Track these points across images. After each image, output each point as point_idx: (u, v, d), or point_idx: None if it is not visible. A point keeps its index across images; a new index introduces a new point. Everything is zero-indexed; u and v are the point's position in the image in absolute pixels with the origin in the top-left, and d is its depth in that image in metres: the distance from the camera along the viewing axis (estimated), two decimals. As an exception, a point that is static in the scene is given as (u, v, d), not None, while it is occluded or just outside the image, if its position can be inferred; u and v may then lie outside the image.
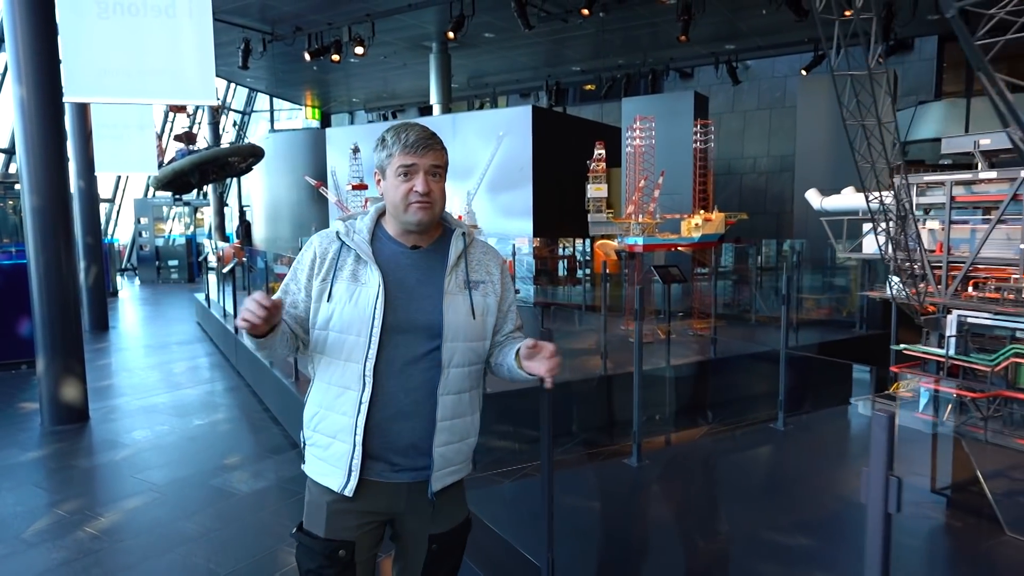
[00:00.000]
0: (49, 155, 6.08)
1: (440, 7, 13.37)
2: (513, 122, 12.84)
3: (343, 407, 1.85)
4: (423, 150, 1.83)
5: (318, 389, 1.93)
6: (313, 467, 1.95)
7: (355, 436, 1.83)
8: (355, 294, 1.84)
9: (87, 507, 4.58)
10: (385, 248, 1.91)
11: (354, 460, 1.84)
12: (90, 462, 5.48)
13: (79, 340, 6.51)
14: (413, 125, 1.88)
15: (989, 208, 3.91)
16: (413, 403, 1.85)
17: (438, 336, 1.85)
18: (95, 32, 4.05)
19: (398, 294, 1.85)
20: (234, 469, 5.29)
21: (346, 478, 1.85)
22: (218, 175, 13.28)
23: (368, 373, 1.81)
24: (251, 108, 24.42)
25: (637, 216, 7.93)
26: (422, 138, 1.84)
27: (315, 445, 1.94)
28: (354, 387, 1.83)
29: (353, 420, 1.83)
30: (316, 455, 1.94)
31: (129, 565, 3.82)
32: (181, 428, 6.29)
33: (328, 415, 1.89)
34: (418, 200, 1.83)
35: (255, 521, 4.42)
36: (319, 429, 1.92)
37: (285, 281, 1.96)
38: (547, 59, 18.31)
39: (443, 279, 1.89)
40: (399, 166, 1.83)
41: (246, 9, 13.61)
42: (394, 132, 1.86)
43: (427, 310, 1.86)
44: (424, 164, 1.83)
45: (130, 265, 22.53)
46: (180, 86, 4.33)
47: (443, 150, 1.90)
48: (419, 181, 1.83)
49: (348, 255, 1.89)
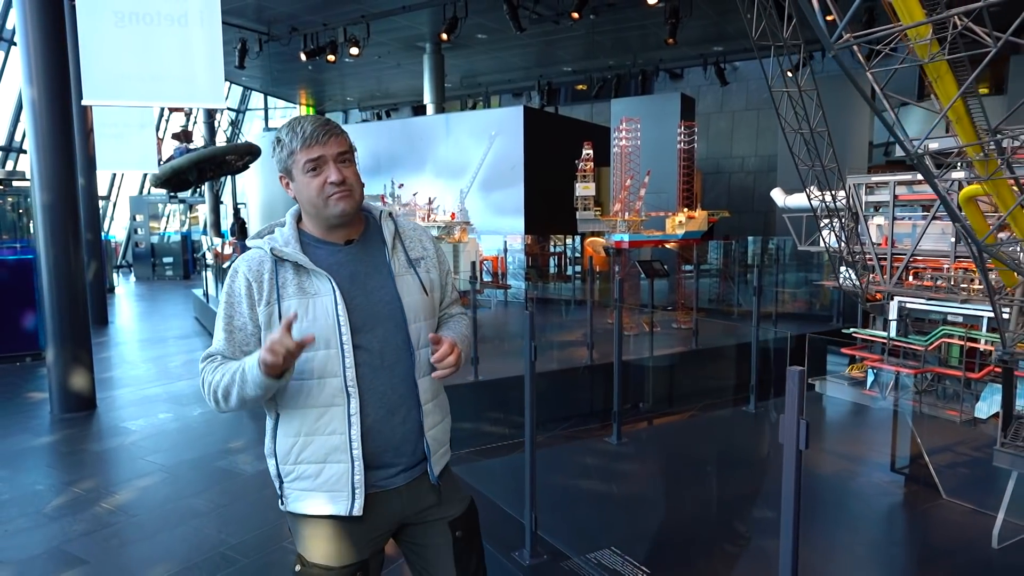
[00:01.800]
0: (58, 154, 6.35)
1: (434, 9, 13.65)
2: (505, 122, 13.13)
3: (330, 427, 1.75)
4: (325, 138, 1.74)
5: (291, 418, 1.80)
6: (303, 502, 1.81)
7: (351, 451, 1.75)
8: (309, 308, 1.74)
9: (102, 486, 4.86)
10: (320, 252, 1.81)
11: (356, 476, 1.76)
12: (100, 446, 5.76)
13: (87, 331, 6.77)
14: (306, 117, 1.78)
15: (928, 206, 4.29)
16: (398, 396, 1.81)
17: (403, 321, 1.81)
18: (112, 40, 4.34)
19: (354, 292, 1.78)
20: (238, 452, 5.58)
21: (351, 498, 1.76)
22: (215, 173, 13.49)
23: (351, 383, 1.74)
24: (245, 106, 24.61)
25: (623, 214, 8.26)
26: (319, 126, 1.75)
27: (301, 477, 1.80)
28: (339, 402, 1.75)
29: (346, 436, 1.75)
30: (304, 487, 1.80)
31: (145, 536, 4.11)
32: (185, 416, 6.56)
33: (313, 439, 1.77)
34: (335, 191, 1.74)
35: (260, 498, 4.71)
36: (303, 459, 1.79)
37: (222, 321, 1.81)
38: (539, 60, 18.63)
39: (388, 264, 1.84)
40: (305, 162, 1.74)
41: (243, 10, 13.85)
42: (288, 129, 1.78)
43: (386, 299, 1.82)
44: (330, 152, 1.74)
45: (125, 262, 22.68)
46: (191, 90, 4.60)
47: (344, 135, 1.80)
48: (331, 171, 1.74)
49: (286, 270, 1.77)
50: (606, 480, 4.83)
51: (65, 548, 3.94)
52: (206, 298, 12.02)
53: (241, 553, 3.86)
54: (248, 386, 1.68)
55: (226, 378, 1.73)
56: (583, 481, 4.76)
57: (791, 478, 1.67)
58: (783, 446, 1.67)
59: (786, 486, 1.68)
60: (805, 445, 1.63)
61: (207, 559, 3.80)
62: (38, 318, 8.79)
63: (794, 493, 1.67)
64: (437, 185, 13.59)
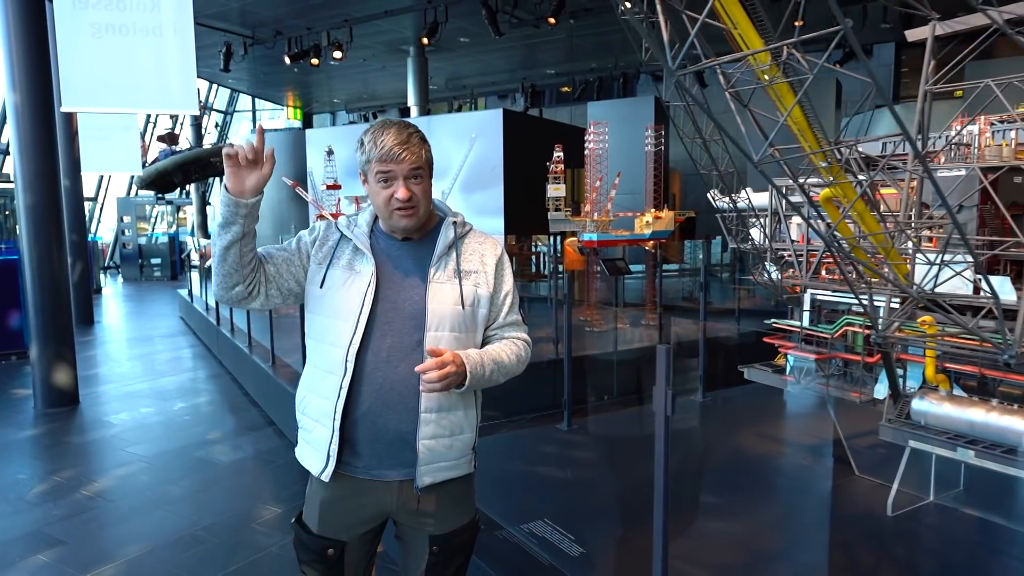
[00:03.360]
0: (41, 157, 6.58)
1: (415, 14, 13.89)
2: (485, 125, 13.38)
3: (326, 391, 1.85)
4: (400, 154, 1.78)
5: (307, 372, 1.95)
6: (301, 450, 1.96)
7: (334, 421, 1.82)
8: (348, 281, 1.86)
9: (82, 475, 5.09)
10: (380, 241, 1.92)
11: (332, 445, 1.83)
12: (82, 438, 5.98)
13: (70, 329, 6.98)
14: (390, 127, 1.82)
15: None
16: (398, 394, 1.83)
17: (422, 325, 1.84)
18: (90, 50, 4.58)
19: (386, 283, 1.86)
20: (215, 443, 5.82)
21: (324, 463, 1.85)
22: (200, 175, 13.72)
23: (350, 359, 1.81)
24: (233, 108, 24.75)
25: (592, 214, 8.56)
26: (398, 143, 1.78)
27: (303, 428, 1.95)
28: (336, 372, 1.83)
29: (333, 404, 1.83)
30: (304, 438, 1.95)
31: (122, 519, 4.35)
32: (166, 410, 6.79)
33: (313, 399, 1.89)
34: (400, 207, 1.81)
35: (234, 485, 4.96)
36: (306, 412, 1.93)
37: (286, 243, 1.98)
38: (522, 62, 18.90)
39: (428, 268, 1.88)
40: (378, 172, 1.80)
41: (227, 14, 14.04)
42: (371, 136, 1.82)
43: (412, 300, 1.86)
44: (402, 170, 1.79)
45: (113, 263, 22.79)
46: (165, 97, 4.84)
47: (422, 149, 1.83)
48: (399, 188, 1.79)
49: (347, 246, 1.90)
50: (550, 462, 5.20)
51: (45, 531, 4.17)
52: (190, 297, 12.22)
53: (211, 534, 4.10)
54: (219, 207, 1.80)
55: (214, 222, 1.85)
56: (528, 462, 5.11)
57: (661, 440, 1.93)
58: (655, 413, 1.94)
59: (657, 448, 1.95)
60: (672, 411, 1.90)
61: (179, 539, 4.04)
62: (23, 318, 8.97)
63: (663, 456, 1.94)
64: (419, 186, 13.85)
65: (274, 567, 3.73)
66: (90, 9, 4.70)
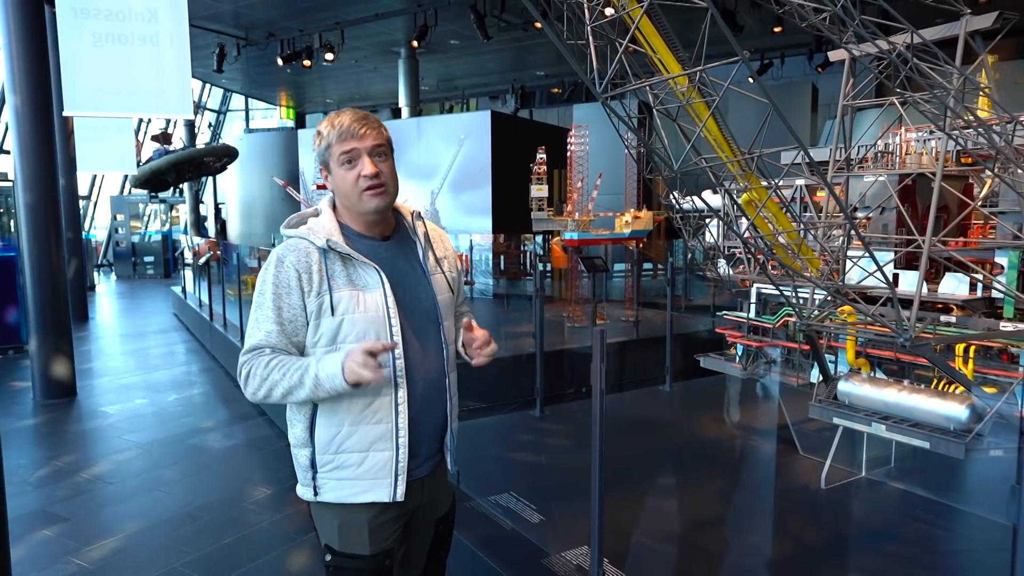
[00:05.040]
0: (40, 157, 6.86)
1: (406, 16, 14.18)
2: (473, 126, 13.70)
3: (377, 415, 1.78)
4: (360, 131, 1.76)
5: (335, 409, 1.80)
6: (344, 490, 1.82)
7: (397, 439, 1.79)
8: (359, 300, 1.77)
9: (81, 460, 5.37)
10: (361, 245, 1.83)
11: (400, 463, 1.80)
12: (80, 427, 6.26)
13: (67, 323, 7.25)
14: (344, 111, 1.81)
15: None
16: (435, 390, 1.87)
17: (437, 318, 1.89)
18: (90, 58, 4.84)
19: (398, 287, 1.82)
20: (208, 431, 6.10)
21: (393, 485, 1.80)
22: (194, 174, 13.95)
23: (400, 372, 1.78)
24: (226, 107, 24.95)
25: (574, 214, 8.88)
26: (356, 120, 1.77)
27: (343, 466, 1.81)
28: (386, 392, 1.78)
29: (392, 424, 1.79)
30: (344, 476, 1.82)
31: (120, 499, 4.64)
32: (160, 401, 7.06)
33: (357, 429, 1.79)
34: (369, 184, 1.76)
35: (227, 469, 5.25)
36: (345, 448, 1.81)
37: (271, 312, 1.78)
38: (512, 64, 19.21)
39: (423, 263, 1.91)
40: (340, 153, 1.76)
41: (220, 16, 14.29)
42: (327, 122, 1.81)
43: (422, 296, 1.88)
44: (365, 146, 1.76)
45: (106, 261, 22.96)
46: (162, 103, 5.12)
47: (380, 128, 1.82)
48: (365, 164, 1.76)
49: (334, 261, 1.79)
50: (521, 444, 5.60)
51: (48, 509, 4.45)
52: (184, 294, 12.47)
53: (205, 512, 4.39)
54: (323, 391, 1.70)
55: (291, 378, 1.72)
56: (500, 444, 5.50)
57: (597, 412, 2.24)
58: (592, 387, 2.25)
59: (594, 415, 2.25)
60: (604, 386, 2.21)
61: (174, 517, 4.33)
62: (20, 313, 9.21)
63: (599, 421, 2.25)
64: (409, 186, 14.12)
65: (264, 540, 4.03)
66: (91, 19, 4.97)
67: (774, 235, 2.76)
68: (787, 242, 2.81)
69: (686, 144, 2.26)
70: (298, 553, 3.88)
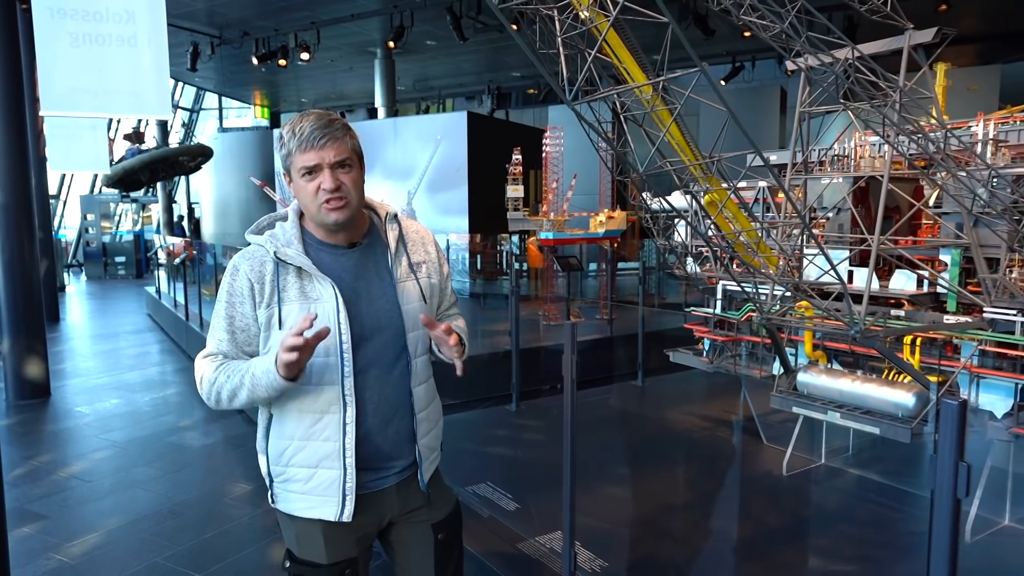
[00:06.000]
0: (13, 157, 6.82)
1: (382, 17, 14.22)
2: (450, 127, 13.78)
3: (324, 433, 1.74)
4: (321, 142, 1.66)
5: (285, 420, 1.78)
6: (294, 503, 1.81)
7: (344, 459, 1.74)
8: (310, 312, 1.69)
9: (59, 459, 5.37)
10: (322, 254, 1.77)
11: (347, 484, 1.75)
12: (55, 427, 6.24)
13: (41, 323, 7.20)
14: (310, 114, 1.70)
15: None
16: (392, 405, 1.80)
17: (401, 330, 1.79)
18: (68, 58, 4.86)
19: (356, 300, 1.75)
20: (186, 430, 6.13)
21: (340, 505, 1.76)
22: (167, 173, 13.84)
23: (348, 392, 1.73)
24: (199, 106, 24.68)
25: (549, 214, 9.05)
26: (318, 129, 1.66)
27: (292, 480, 1.80)
28: (334, 410, 1.73)
29: (339, 444, 1.74)
30: (295, 489, 1.80)
31: (100, 496, 4.67)
32: (137, 401, 7.06)
33: (306, 445, 1.76)
34: (328, 198, 1.68)
35: (206, 466, 5.30)
36: (295, 462, 1.78)
37: (223, 321, 1.77)
38: (489, 65, 19.33)
39: (391, 270, 1.81)
40: (301, 167, 1.68)
41: (194, 14, 14.19)
42: (289, 127, 1.70)
43: (386, 308, 1.79)
44: (327, 158, 1.66)
45: (76, 261, 22.59)
46: (140, 103, 5.14)
47: (346, 137, 1.70)
48: (326, 178, 1.67)
49: (287, 272, 1.73)
50: (497, 438, 5.76)
51: (26, 508, 4.47)
52: (158, 295, 12.39)
53: (185, 508, 4.45)
54: (260, 388, 1.67)
55: (233, 380, 1.72)
56: (477, 437, 5.65)
57: (569, 403, 2.38)
58: (563, 377, 2.39)
59: (566, 402, 2.39)
60: (576, 375, 2.35)
61: (155, 513, 4.38)
62: (-6, 312, 9.06)
63: (570, 409, 2.39)
64: (386, 186, 14.17)
65: (245, 534, 4.10)
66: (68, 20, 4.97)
67: (735, 234, 2.93)
68: (747, 241, 2.98)
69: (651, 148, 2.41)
70: (280, 546, 3.96)
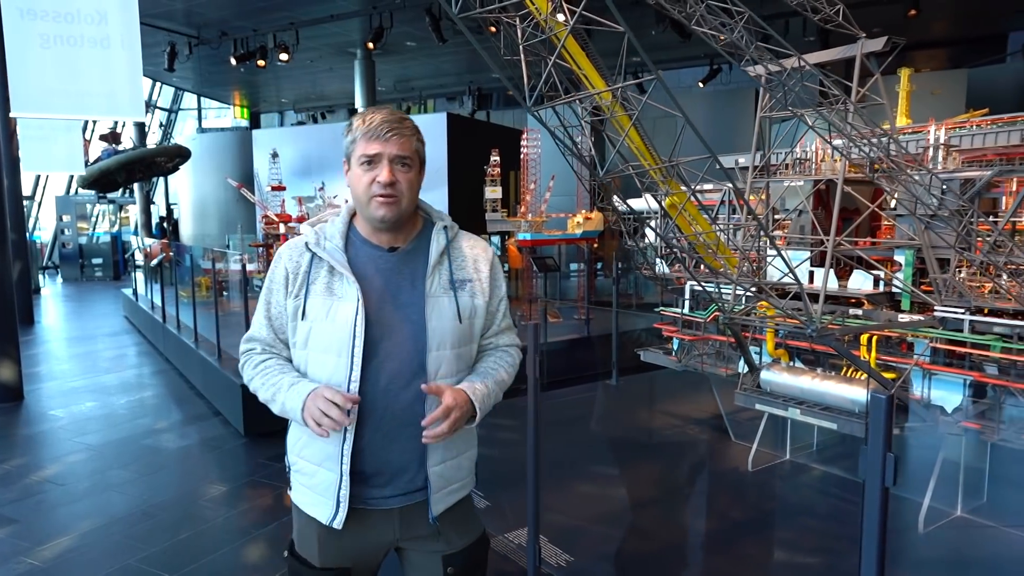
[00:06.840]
0: (-15, 158, 6.75)
1: (361, 18, 14.21)
2: (429, 128, 13.79)
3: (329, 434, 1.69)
4: (388, 135, 1.66)
5: None
6: (300, 495, 1.82)
7: (341, 465, 1.70)
8: (331, 309, 1.69)
9: (32, 463, 5.34)
10: (360, 253, 1.75)
11: (342, 490, 1.71)
12: (30, 430, 6.19)
13: (13, 326, 7.14)
14: (382, 109, 1.72)
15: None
16: (400, 424, 1.71)
17: (423, 346, 1.70)
18: (38, 60, 4.84)
19: (378, 305, 1.70)
20: (162, 432, 6.12)
21: (334, 510, 1.72)
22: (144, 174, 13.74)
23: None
24: (178, 106, 24.45)
25: (527, 215, 9.12)
26: (387, 122, 1.67)
27: (301, 472, 1.81)
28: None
29: (339, 448, 1.70)
30: (302, 482, 1.81)
31: (73, 500, 4.66)
32: (113, 403, 7.02)
33: (312, 441, 1.73)
34: (381, 193, 1.67)
35: (181, 469, 5.30)
36: (303, 455, 1.80)
37: (262, 307, 1.82)
38: (469, 66, 19.36)
39: (425, 281, 1.74)
40: (361, 155, 1.68)
41: (172, 14, 14.08)
42: (360, 116, 1.73)
43: (411, 319, 1.71)
44: (389, 152, 1.67)
45: (52, 263, 22.29)
46: (113, 105, 5.14)
47: (412, 137, 1.72)
48: (383, 171, 1.66)
49: (321, 266, 1.73)
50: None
51: (-2, 512, 4.45)
52: (135, 297, 12.28)
53: (160, 509, 4.46)
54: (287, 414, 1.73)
55: (265, 392, 1.77)
56: None
57: (532, 400, 2.45)
58: (527, 376, 2.45)
59: (530, 401, 2.46)
60: (539, 375, 2.41)
61: (129, 515, 4.38)
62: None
63: (534, 410, 2.45)
64: (366, 187, 14.18)
65: (221, 535, 4.12)
66: (39, 21, 4.95)
67: (696, 235, 3.01)
68: (707, 242, 3.07)
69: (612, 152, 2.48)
70: (254, 546, 3.99)
